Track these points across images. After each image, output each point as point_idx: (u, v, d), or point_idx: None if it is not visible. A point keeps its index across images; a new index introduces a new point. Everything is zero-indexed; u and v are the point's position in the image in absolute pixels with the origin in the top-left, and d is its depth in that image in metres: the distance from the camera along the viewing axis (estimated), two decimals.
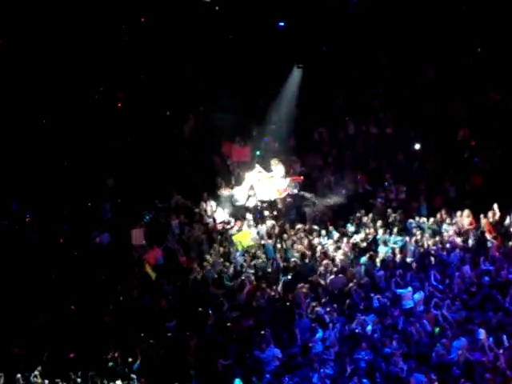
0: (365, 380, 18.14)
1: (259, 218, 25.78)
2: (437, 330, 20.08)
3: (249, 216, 25.56)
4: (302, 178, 26.29)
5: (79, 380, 18.64)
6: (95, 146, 27.53)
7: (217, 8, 28.54)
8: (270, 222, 25.39)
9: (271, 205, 25.98)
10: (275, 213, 25.91)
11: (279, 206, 26.07)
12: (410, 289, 21.35)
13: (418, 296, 21.23)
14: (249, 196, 25.77)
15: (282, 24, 28.95)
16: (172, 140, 28.05)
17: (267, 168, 26.30)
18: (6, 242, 24.03)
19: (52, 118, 27.68)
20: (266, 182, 25.68)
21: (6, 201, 25.38)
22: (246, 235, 24.30)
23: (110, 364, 19.18)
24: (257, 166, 26.04)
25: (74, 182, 26.48)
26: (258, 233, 24.85)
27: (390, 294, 21.39)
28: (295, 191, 26.01)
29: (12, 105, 26.88)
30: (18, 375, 18.53)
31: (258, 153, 27.29)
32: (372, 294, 21.42)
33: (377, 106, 29.48)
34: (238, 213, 25.85)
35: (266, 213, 25.92)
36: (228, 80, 28.26)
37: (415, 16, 29.02)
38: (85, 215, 25.57)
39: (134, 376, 18.84)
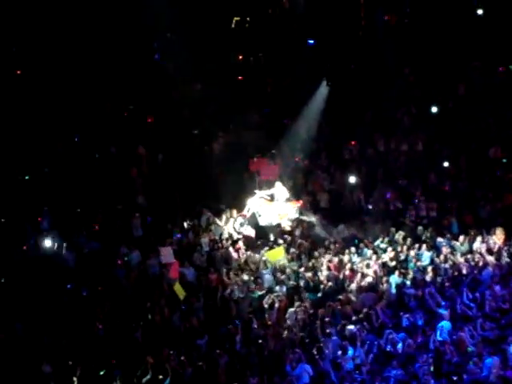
0: None
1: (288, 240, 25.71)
2: (469, 349, 19.84)
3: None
4: (301, 202, 26.11)
5: None
6: (126, 164, 27.66)
7: (247, 25, 28.68)
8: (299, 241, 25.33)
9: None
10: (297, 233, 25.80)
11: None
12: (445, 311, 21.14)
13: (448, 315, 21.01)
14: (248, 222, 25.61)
15: (311, 42, 29.02)
16: (202, 157, 28.11)
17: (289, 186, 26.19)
18: (36, 260, 24.15)
19: (84, 134, 27.89)
20: (268, 207, 25.52)
21: (35, 218, 25.52)
22: (279, 252, 24.15)
23: (140, 380, 19.13)
24: (257, 191, 25.86)
25: (106, 199, 26.59)
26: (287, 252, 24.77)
27: (422, 312, 21.17)
28: (296, 215, 25.84)
29: (45, 122, 27.15)
30: None
31: None
32: (402, 313, 21.24)
33: (407, 124, 29.37)
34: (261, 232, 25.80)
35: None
36: (257, 97, 28.32)
37: (445, 33, 28.96)
38: (115, 233, 25.65)
39: None
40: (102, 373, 19.47)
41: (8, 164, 26.74)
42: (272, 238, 25.46)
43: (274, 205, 25.52)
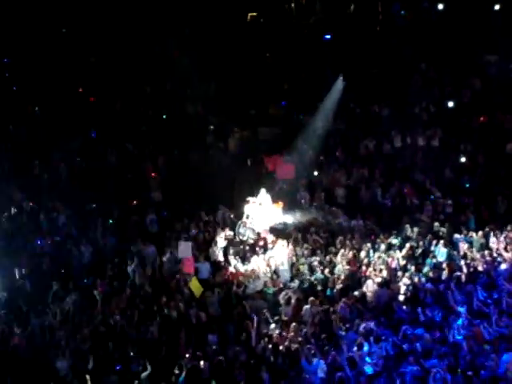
0: None
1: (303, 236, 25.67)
2: (485, 346, 19.71)
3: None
4: (281, 203, 26.06)
5: None
6: (142, 160, 27.73)
7: (262, 20, 28.65)
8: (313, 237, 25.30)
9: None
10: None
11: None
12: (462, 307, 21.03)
13: (464, 311, 20.90)
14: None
15: (327, 37, 28.94)
16: (217, 153, 28.13)
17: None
18: (55, 255, 24.26)
19: (100, 131, 28.00)
20: (260, 211, 25.52)
21: (52, 215, 25.63)
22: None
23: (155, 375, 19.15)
24: (249, 198, 25.80)
25: (121, 195, 26.68)
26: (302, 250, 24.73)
27: (439, 307, 21.08)
28: (283, 219, 25.86)
29: (62, 118, 27.30)
30: None
31: None
32: (418, 308, 21.16)
33: (424, 119, 29.26)
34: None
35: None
36: (273, 93, 28.29)
37: (461, 27, 28.82)
38: (131, 228, 25.72)
39: None
40: (118, 368, 19.50)
41: (24, 159, 26.93)
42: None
43: (263, 210, 25.53)
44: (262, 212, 25.59)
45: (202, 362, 19.25)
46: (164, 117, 29.47)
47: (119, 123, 27.96)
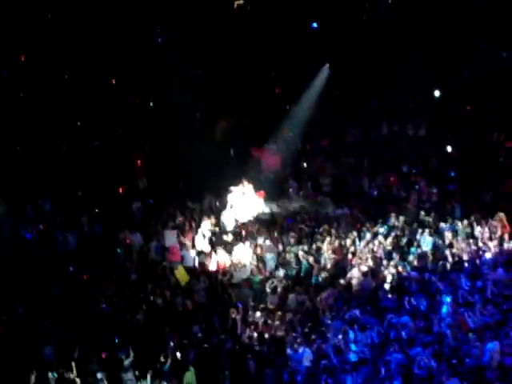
0: (396, 382, 17.98)
1: (290, 225, 25.68)
2: (470, 334, 19.80)
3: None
4: (262, 193, 26.07)
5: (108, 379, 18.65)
6: (127, 147, 27.65)
7: (248, 8, 28.56)
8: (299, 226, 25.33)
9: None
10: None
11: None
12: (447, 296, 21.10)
13: (449, 300, 20.98)
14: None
15: (314, 25, 28.90)
16: (203, 141, 28.09)
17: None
18: (41, 242, 24.20)
19: (86, 119, 27.91)
20: (243, 201, 25.49)
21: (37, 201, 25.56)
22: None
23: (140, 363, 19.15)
24: (232, 188, 25.75)
25: (107, 182, 26.61)
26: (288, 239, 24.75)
27: (424, 296, 21.15)
28: (266, 208, 25.89)
29: (48, 107, 27.20)
30: (50, 374, 18.53)
31: None
32: (404, 297, 21.21)
33: (411, 108, 29.29)
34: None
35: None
36: (259, 81, 28.24)
37: (449, 16, 28.79)
38: (116, 216, 25.68)
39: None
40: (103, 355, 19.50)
41: (11, 147, 26.79)
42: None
43: (247, 200, 25.51)
44: (246, 202, 25.57)
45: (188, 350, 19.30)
46: (151, 105, 29.38)
47: (105, 111, 27.82)
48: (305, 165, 28.66)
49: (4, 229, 24.26)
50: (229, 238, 24.80)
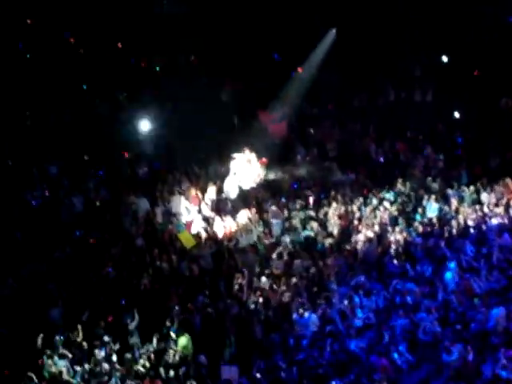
0: (401, 347, 18.07)
1: (295, 190, 25.66)
2: (475, 300, 19.83)
3: None
4: (264, 159, 25.95)
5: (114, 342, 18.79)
6: (132, 111, 27.58)
7: None
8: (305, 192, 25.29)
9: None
10: None
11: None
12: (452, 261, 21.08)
13: (454, 266, 20.98)
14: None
15: None
16: (210, 106, 27.94)
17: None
18: (47, 207, 24.23)
19: (92, 83, 27.87)
20: (246, 169, 25.37)
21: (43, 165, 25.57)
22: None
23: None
24: (235, 155, 25.60)
25: (113, 147, 26.58)
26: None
27: (430, 262, 21.16)
28: (269, 175, 25.84)
29: (53, 70, 27.14)
30: (57, 336, 18.66)
31: None
32: (409, 263, 21.22)
33: (418, 74, 29.10)
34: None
35: None
36: (266, 44, 28.06)
37: None
38: (123, 180, 25.68)
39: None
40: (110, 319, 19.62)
41: (17, 111, 26.72)
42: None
43: (250, 168, 25.41)
44: (249, 169, 25.41)
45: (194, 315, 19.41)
46: (157, 69, 29.22)
47: (110, 74, 27.69)
48: (311, 130, 28.51)
49: (10, 192, 24.30)
50: (235, 203, 24.74)
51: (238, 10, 28.31)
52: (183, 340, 18.82)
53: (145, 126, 27.22)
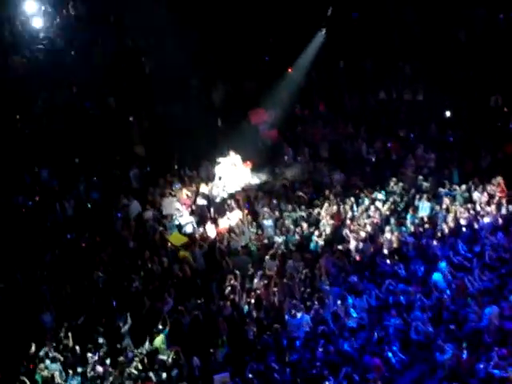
0: (394, 347, 18.05)
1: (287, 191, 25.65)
2: (468, 299, 19.82)
3: None
4: (249, 163, 25.88)
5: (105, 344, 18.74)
6: (124, 114, 27.52)
7: None
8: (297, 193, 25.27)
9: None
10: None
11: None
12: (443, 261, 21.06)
13: (445, 265, 20.96)
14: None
15: None
16: (201, 107, 27.93)
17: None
18: (38, 211, 24.16)
19: (82, 85, 27.80)
20: (232, 173, 25.32)
21: (34, 169, 25.50)
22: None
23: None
24: (220, 159, 25.55)
25: (104, 150, 26.53)
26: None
27: (421, 261, 21.14)
28: (254, 180, 25.83)
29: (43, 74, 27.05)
30: (49, 340, 18.62)
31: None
32: (400, 265, 21.17)
33: (409, 73, 29.12)
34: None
35: None
36: (257, 46, 28.06)
37: None
38: (114, 183, 25.63)
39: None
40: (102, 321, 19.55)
41: (8, 115, 26.68)
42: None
43: (235, 171, 25.36)
44: (234, 172, 25.35)
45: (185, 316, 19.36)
46: (146, 71, 29.18)
47: (101, 78, 27.63)
48: (301, 130, 28.49)
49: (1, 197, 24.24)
50: (226, 205, 24.70)
51: (228, 11, 28.31)
52: (158, 340, 18.78)
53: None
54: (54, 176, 25.64)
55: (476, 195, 24.11)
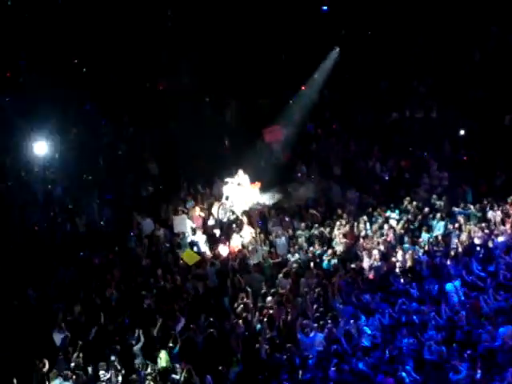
0: (408, 366, 17.90)
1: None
2: (482, 318, 19.67)
3: None
4: (258, 183, 25.81)
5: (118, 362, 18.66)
6: (138, 131, 27.60)
7: None
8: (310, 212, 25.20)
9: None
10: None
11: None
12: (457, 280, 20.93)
13: (459, 284, 20.83)
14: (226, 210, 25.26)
15: (325, 8, 28.79)
16: (214, 125, 27.97)
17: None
18: (51, 228, 24.19)
19: (95, 102, 27.87)
20: (239, 192, 25.25)
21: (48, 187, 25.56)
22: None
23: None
24: (228, 179, 25.47)
25: (117, 167, 26.58)
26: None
27: (435, 280, 21.01)
28: (263, 199, 25.70)
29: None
30: (61, 358, 18.56)
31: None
32: (413, 284, 21.05)
33: (423, 91, 29.11)
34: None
35: None
36: (270, 64, 28.12)
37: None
38: (127, 201, 25.65)
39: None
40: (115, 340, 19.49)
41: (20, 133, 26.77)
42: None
43: (243, 189, 25.29)
44: (241, 193, 25.28)
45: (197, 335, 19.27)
46: (160, 88, 29.30)
47: (114, 95, 27.74)
48: (315, 148, 28.49)
49: (15, 214, 24.28)
50: (235, 224, 24.65)
51: (242, 28, 28.40)
52: (162, 357, 18.70)
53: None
54: (67, 193, 25.68)
55: (490, 214, 24.01)
